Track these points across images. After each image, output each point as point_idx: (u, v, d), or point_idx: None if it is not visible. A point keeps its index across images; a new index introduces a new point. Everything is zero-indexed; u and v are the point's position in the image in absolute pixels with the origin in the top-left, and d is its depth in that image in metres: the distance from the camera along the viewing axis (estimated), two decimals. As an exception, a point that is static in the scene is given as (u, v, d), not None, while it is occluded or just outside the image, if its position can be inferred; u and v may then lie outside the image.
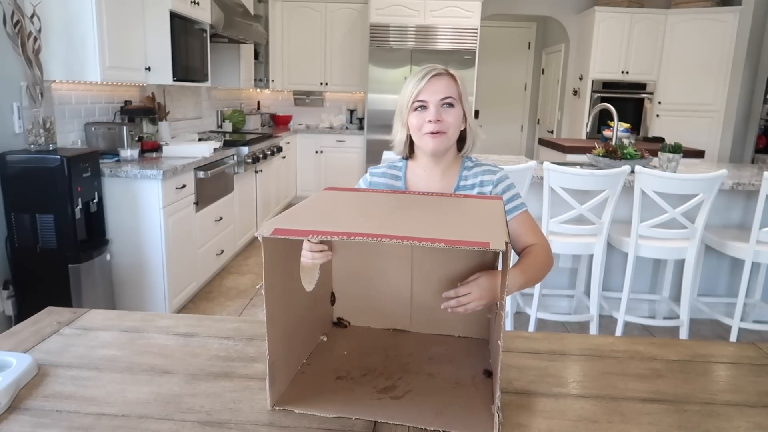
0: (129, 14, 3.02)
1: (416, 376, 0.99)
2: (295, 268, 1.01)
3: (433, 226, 0.90)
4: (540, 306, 2.84)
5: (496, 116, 7.56)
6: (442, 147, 1.32)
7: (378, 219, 0.94)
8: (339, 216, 0.96)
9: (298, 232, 0.80)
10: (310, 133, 6.02)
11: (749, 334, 2.97)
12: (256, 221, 4.55)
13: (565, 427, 0.88)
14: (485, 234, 0.81)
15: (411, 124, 1.32)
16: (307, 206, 1.00)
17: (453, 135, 1.33)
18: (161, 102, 3.84)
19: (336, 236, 0.78)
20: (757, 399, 0.99)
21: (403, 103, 1.32)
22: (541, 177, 2.65)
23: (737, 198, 3.10)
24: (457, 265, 1.14)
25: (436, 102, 1.29)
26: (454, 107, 1.31)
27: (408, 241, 0.76)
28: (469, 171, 1.39)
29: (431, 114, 1.29)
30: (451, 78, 1.32)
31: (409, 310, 1.18)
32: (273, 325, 0.88)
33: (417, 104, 1.30)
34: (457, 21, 5.51)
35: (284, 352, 0.94)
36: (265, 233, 0.80)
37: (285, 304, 0.95)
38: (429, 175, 1.38)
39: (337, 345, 1.12)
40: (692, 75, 5.77)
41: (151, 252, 2.87)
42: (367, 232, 0.78)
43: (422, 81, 1.29)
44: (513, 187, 1.38)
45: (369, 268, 1.18)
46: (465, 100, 1.34)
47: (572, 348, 1.18)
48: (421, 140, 1.33)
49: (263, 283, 0.85)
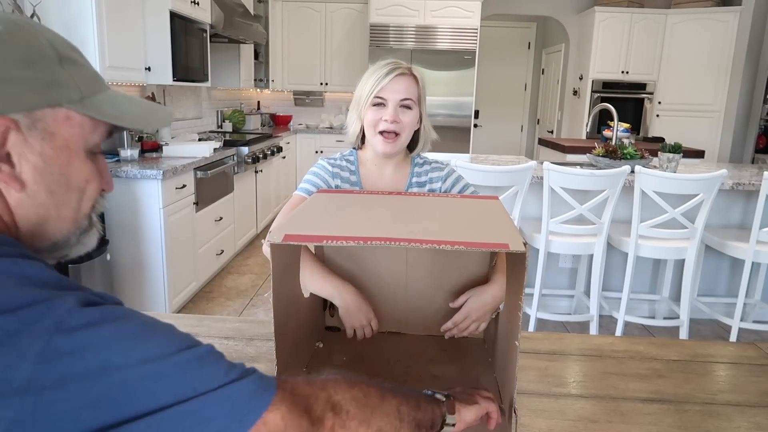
0: (129, 14, 3.02)
1: (421, 378, 0.98)
2: (295, 274, 1.00)
3: (447, 228, 0.88)
4: (540, 306, 2.84)
5: (496, 116, 7.55)
6: (394, 150, 1.31)
7: (386, 222, 0.92)
8: (347, 220, 0.94)
9: (310, 237, 0.78)
10: (310, 133, 6.02)
11: (749, 334, 2.97)
12: (256, 221, 4.55)
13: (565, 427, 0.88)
14: (501, 235, 0.80)
15: (366, 118, 1.30)
16: (308, 211, 0.97)
17: (406, 138, 1.32)
18: (161, 102, 3.84)
19: (352, 241, 0.74)
20: (757, 399, 0.99)
21: (362, 95, 1.30)
22: (541, 177, 2.65)
23: (737, 198, 3.10)
24: (451, 266, 1.14)
25: (396, 102, 1.27)
26: (411, 109, 1.29)
27: (427, 245, 0.73)
28: (420, 168, 1.39)
29: (389, 113, 1.27)
30: (413, 79, 1.30)
31: (403, 313, 1.17)
32: (280, 334, 0.85)
33: (376, 100, 1.28)
34: (457, 21, 5.51)
35: (290, 358, 0.92)
36: (276, 240, 0.76)
37: (289, 312, 0.93)
38: (380, 170, 1.38)
39: (334, 351, 1.10)
40: (692, 75, 5.77)
41: (151, 252, 2.87)
42: (383, 236, 0.75)
43: (385, 78, 1.27)
44: (461, 179, 1.40)
45: (361, 271, 1.16)
46: (423, 102, 1.33)
47: (572, 348, 1.18)
48: (374, 138, 1.31)
49: (272, 292, 0.82)
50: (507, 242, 0.75)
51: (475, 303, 1.08)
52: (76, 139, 0.59)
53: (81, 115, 0.59)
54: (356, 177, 1.38)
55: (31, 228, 0.59)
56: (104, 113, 0.61)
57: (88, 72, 0.61)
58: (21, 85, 0.54)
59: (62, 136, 0.58)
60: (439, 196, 1.14)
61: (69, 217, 0.62)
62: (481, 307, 1.08)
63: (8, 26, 0.56)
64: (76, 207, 0.62)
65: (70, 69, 0.59)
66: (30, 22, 0.60)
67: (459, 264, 1.13)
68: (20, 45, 0.56)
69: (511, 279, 0.89)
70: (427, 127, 1.37)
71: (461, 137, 5.75)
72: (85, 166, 0.61)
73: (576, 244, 2.72)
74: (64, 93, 0.57)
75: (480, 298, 1.08)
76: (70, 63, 0.59)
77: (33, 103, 0.55)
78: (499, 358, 0.99)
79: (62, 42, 0.60)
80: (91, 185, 0.63)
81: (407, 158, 1.40)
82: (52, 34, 0.60)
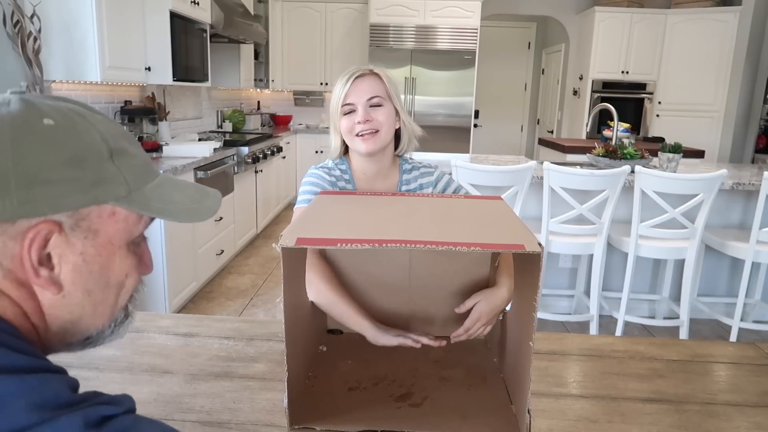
0: (129, 14, 3.02)
1: (429, 380, 0.97)
2: (301, 278, 1.00)
3: (458, 229, 0.88)
4: (540, 306, 2.84)
5: (496, 116, 7.56)
6: (376, 147, 1.30)
7: (396, 223, 0.90)
8: (357, 222, 0.92)
9: (323, 240, 0.75)
10: (310, 133, 6.02)
11: (749, 334, 2.97)
12: (256, 221, 4.55)
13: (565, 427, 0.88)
14: (515, 236, 0.79)
15: (342, 127, 1.30)
16: (315, 213, 0.96)
17: (386, 133, 1.31)
18: (161, 102, 3.84)
19: (367, 244, 0.73)
20: (757, 399, 0.99)
21: (334, 108, 1.31)
22: (541, 177, 2.65)
23: (737, 198, 3.10)
24: (453, 267, 1.13)
25: (364, 102, 1.28)
26: (383, 106, 1.29)
27: (442, 247, 0.72)
28: (408, 174, 1.39)
29: (359, 115, 1.27)
30: (375, 77, 1.30)
31: (406, 314, 1.16)
32: (291, 337, 0.84)
33: (346, 108, 1.29)
34: (457, 21, 5.51)
35: (298, 365, 0.91)
36: (289, 243, 0.73)
37: (297, 316, 0.93)
38: (369, 178, 1.37)
39: (338, 354, 1.09)
40: (692, 75, 5.77)
41: (152, 252, 2.85)
42: (395, 238, 0.74)
43: (347, 84, 1.28)
44: (452, 181, 1.40)
45: (365, 272, 1.15)
46: (395, 97, 1.32)
47: (572, 348, 1.18)
48: (353, 142, 1.31)
49: (282, 297, 0.81)
50: (522, 243, 0.74)
51: (486, 307, 1.07)
52: (120, 235, 0.57)
53: (126, 210, 0.56)
54: (352, 186, 1.38)
55: (63, 326, 0.56)
56: (151, 208, 0.58)
57: (138, 162, 0.59)
58: (68, 185, 0.51)
59: (106, 232, 0.55)
60: (444, 197, 1.13)
61: (106, 314, 0.59)
62: (492, 310, 1.07)
63: (60, 121, 0.53)
64: (114, 303, 0.59)
65: (119, 162, 0.56)
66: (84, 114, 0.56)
67: (460, 264, 1.13)
68: (70, 142, 0.52)
69: (525, 280, 0.88)
70: (407, 122, 1.37)
71: (461, 137, 5.75)
72: (126, 260, 0.59)
73: (576, 244, 2.72)
74: (111, 190, 0.54)
75: (490, 302, 1.07)
76: (121, 155, 0.56)
77: (79, 203, 0.52)
78: (509, 359, 0.98)
79: (115, 133, 0.57)
80: (130, 279, 0.60)
81: (395, 165, 1.40)
82: (105, 125, 0.57)
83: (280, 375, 1.01)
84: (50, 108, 0.54)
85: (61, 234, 0.52)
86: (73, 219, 0.53)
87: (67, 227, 0.52)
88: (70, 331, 0.57)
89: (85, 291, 0.55)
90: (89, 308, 0.57)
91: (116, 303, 0.60)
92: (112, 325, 0.60)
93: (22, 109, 0.52)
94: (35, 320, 0.54)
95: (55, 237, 0.52)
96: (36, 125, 0.51)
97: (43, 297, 0.54)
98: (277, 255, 1.17)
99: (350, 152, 1.37)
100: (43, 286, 0.53)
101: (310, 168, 1.38)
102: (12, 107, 0.52)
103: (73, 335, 0.58)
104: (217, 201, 0.67)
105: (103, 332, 0.60)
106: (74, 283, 0.54)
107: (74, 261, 0.54)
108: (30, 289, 0.53)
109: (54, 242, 0.52)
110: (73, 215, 0.52)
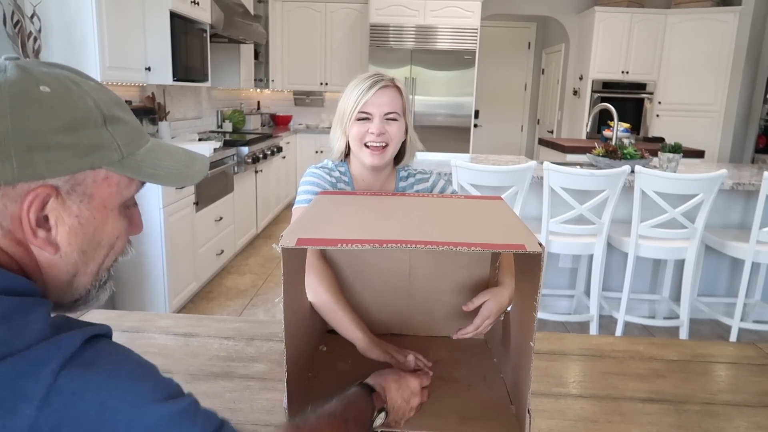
0: (129, 14, 3.02)
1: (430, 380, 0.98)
2: (301, 278, 1.00)
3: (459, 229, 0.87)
4: (540, 306, 2.84)
5: (496, 116, 7.56)
6: (382, 163, 1.30)
7: (397, 224, 0.90)
8: (358, 222, 0.92)
9: (324, 241, 0.75)
10: (310, 133, 6.02)
11: (749, 334, 2.97)
12: (256, 221, 4.55)
13: (565, 427, 0.88)
14: (516, 236, 0.79)
15: (352, 133, 1.28)
16: (315, 213, 0.95)
17: (394, 149, 1.31)
18: (161, 102, 3.84)
19: (368, 244, 0.72)
20: (757, 399, 0.99)
21: (346, 110, 1.29)
22: (541, 177, 2.65)
23: (737, 198, 3.10)
24: (452, 267, 1.13)
25: (381, 115, 1.26)
26: (397, 121, 1.29)
27: (443, 247, 0.72)
28: (404, 182, 1.39)
29: (375, 126, 1.26)
30: (396, 90, 1.29)
31: (405, 314, 1.16)
32: (290, 337, 0.84)
33: (361, 115, 1.27)
34: (457, 21, 5.51)
35: (298, 365, 0.91)
36: (289, 244, 0.73)
37: (297, 317, 0.92)
38: (367, 184, 1.37)
39: (338, 354, 1.09)
40: (692, 75, 5.77)
41: (151, 252, 2.87)
42: (396, 238, 0.74)
43: (369, 92, 1.25)
44: (448, 185, 1.40)
45: (364, 273, 1.15)
46: (408, 113, 1.33)
47: (572, 348, 1.18)
48: (360, 151, 1.29)
49: (282, 298, 0.81)
50: (522, 243, 0.74)
51: (495, 305, 1.06)
52: (113, 198, 0.60)
53: (119, 175, 0.59)
54: (350, 188, 1.37)
55: (60, 285, 0.60)
56: (142, 172, 0.61)
57: (130, 128, 0.61)
58: (65, 151, 0.54)
59: (100, 196, 0.58)
60: (444, 197, 1.13)
61: (93, 271, 0.62)
62: (500, 309, 1.07)
63: (56, 88, 0.55)
64: (102, 261, 0.62)
65: (113, 129, 0.58)
66: (78, 81, 0.58)
67: (460, 264, 1.13)
68: (66, 109, 0.55)
69: (525, 280, 0.88)
70: (413, 138, 1.37)
71: (461, 137, 5.75)
72: (118, 222, 0.62)
73: (576, 244, 2.72)
74: (105, 155, 0.57)
75: (498, 300, 1.07)
76: (114, 122, 0.59)
77: (75, 167, 0.55)
78: (509, 359, 0.98)
79: (108, 100, 0.60)
80: (120, 240, 0.63)
81: (392, 173, 1.40)
82: (98, 91, 0.59)
83: (279, 375, 1.01)
84: (46, 75, 0.56)
85: (58, 198, 0.55)
86: (69, 183, 0.55)
87: (64, 191, 0.55)
88: (64, 290, 0.61)
89: (80, 251, 0.59)
90: (83, 267, 0.60)
91: (104, 262, 0.63)
92: (96, 285, 0.64)
93: (19, 75, 0.54)
94: (35, 278, 0.57)
95: (53, 200, 0.55)
96: (33, 92, 0.54)
97: (41, 256, 0.57)
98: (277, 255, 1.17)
99: (351, 157, 1.37)
100: (40, 246, 0.56)
101: (309, 167, 1.38)
102: (9, 74, 0.54)
103: (66, 295, 0.61)
104: (205, 165, 0.70)
105: (90, 292, 0.63)
106: (70, 244, 0.58)
107: (70, 223, 0.57)
108: (28, 249, 0.56)
109: (51, 205, 0.55)
110: (70, 180, 0.55)
